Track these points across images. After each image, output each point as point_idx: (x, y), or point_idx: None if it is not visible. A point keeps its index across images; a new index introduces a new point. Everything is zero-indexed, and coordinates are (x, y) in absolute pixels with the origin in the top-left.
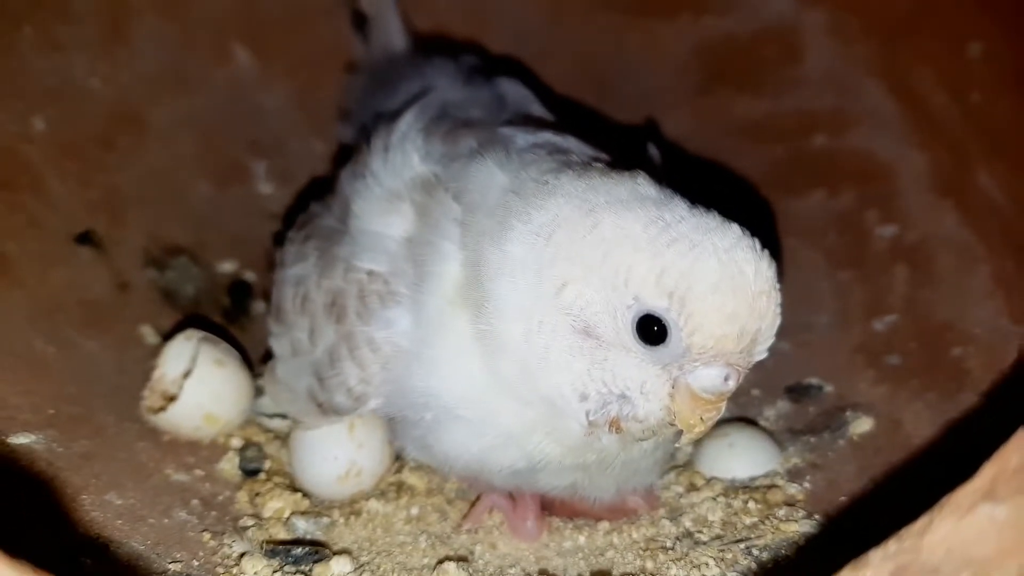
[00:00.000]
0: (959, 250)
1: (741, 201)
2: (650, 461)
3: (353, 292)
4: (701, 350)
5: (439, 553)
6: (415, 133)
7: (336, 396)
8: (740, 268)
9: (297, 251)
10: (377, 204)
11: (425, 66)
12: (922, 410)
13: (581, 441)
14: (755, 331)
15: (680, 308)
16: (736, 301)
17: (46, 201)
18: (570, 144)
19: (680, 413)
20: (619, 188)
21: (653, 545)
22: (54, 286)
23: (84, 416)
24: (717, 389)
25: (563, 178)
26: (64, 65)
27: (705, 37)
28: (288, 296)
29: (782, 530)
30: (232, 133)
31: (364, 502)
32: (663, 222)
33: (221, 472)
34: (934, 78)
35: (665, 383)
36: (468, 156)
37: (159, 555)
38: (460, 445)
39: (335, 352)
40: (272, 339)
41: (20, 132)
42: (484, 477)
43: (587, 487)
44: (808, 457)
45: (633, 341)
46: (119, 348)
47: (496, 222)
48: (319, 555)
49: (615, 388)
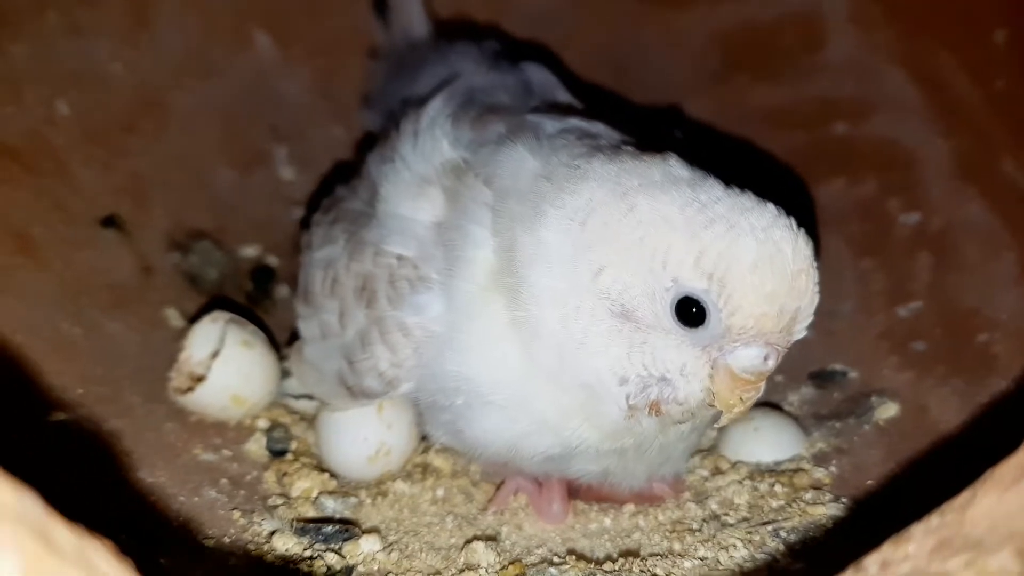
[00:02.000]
0: (984, 236)
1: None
2: (683, 446)
3: (383, 276)
4: (741, 330)
5: (466, 533)
6: (444, 119)
7: (367, 380)
8: (778, 247)
9: (325, 234)
10: (406, 188)
11: (449, 51)
12: (948, 395)
13: (620, 425)
14: (794, 309)
15: (719, 289)
16: (775, 280)
17: (71, 185)
18: (598, 129)
19: (720, 394)
20: (652, 170)
21: (680, 527)
22: (80, 269)
23: (112, 396)
24: (757, 369)
25: (595, 162)
26: (87, 50)
27: (724, 24)
28: (317, 279)
29: (809, 513)
30: (253, 119)
31: (391, 483)
32: (699, 203)
33: (248, 453)
34: (958, 65)
35: (705, 364)
36: (497, 141)
37: (192, 532)
38: (493, 431)
39: (366, 336)
40: (300, 321)
41: (45, 116)
42: (515, 463)
43: (618, 473)
44: (833, 442)
45: (672, 323)
46: (144, 330)
47: (529, 208)
48: (349, 533)
49: (655, 371)
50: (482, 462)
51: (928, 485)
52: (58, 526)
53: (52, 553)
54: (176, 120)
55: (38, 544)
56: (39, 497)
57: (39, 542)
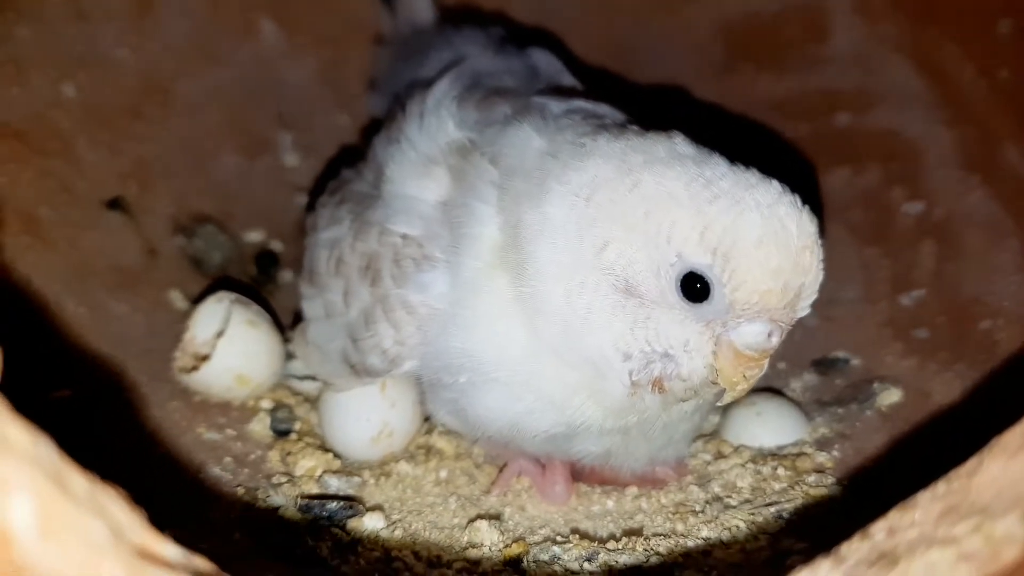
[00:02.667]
0: (987, 225)
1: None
2: (686, 427)
3: (388, 255)
4: (745, 306)
5: (469, 513)
6: (450, 100)
7: (370, 357)
8: (783, 223)
9: (330, 215)
10: (412, 168)
11: (455, 36)
12: (951, 381)
13: (624, 402)
14: (799, 286)
15: (724, 264)
16: (780, 256)
17: (77, 167)
18: (603, 110)
19: (723, 371)
20: (657, 147)
21: (683, 509)
22: (86, 250)
23: (117, 375)
24: (760, 345)
25: (600, 140)
26: (93, 34)
27: (729, 14)
28: (322, 258)
29: (812, 495)
30: (258, 105)
31: (394, 464)
32: (704, 179)
33: (252, 432)
34: (962, 55)
35: (708, 340)
36: (503, 121)
37: (197, 508)
38: (496, 409)
39: (370, 314)
40: (304, 302)
41: (51, 98)
42: (517, 442)
43: (621, 454)
44: (836, 427)
45: (677, 298)
46: (149, 312)
47: (534, 185)
48: (353, 510)
49: (658, 346)
50: (484, 442)
51: (930, 469)
52: (72, 471)
53: (66, 497)
54: (181, 105)
55: (53, 487)
56: (54, 442)
57: (54, 485)
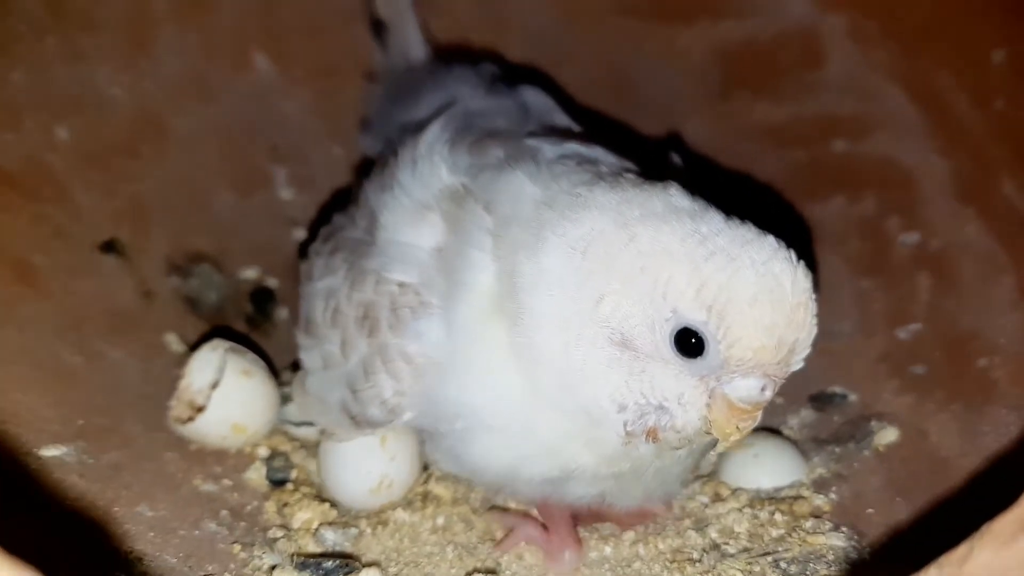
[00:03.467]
0: (982, 258)
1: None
2: (679, 470)
3: (385, 304)
4: (739, 362)
5: (467, 565)
6: (441, 144)
7: (370, 408)
8: (777, 280)
9: (325, 264)
10: (406, 215)
11: (446, 76)
12: (948, 421)
13: (618, 451)
14: (792, 342)
15: (719, 321)
16: (774, 313)
17: (71, 211)
18: (596, 153)
19: (716, 422)
20: (653, 200)
21: (680, 557)
22: (80, 296)
23: (112, 427)
24: (754, 399)
25: (596, 190)
26: (87, 75)
27: (724, 42)
28: (318, 309)
29: (809, 542)
30: (253, 140)
31: (391, 512)
32: (700, 235)
33: (248, 482)
34: (957, 84)
35: (702, 394)
36: (496, 167)
37: (191, 568)
38: (492, 455)
39: (369, 365)
40: (302, 352)
41: (44, 141)
42: (514, 487)
43: (615, 495)
44: (833, 467)
45: (671, 353)
46: (145, 357)
47: (531, 235)
48: (349, 568)
49: (653, 399)
50: (482, 486)
51: (928, 513)
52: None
53: None
54: (176, 143)
55: None
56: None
57: None
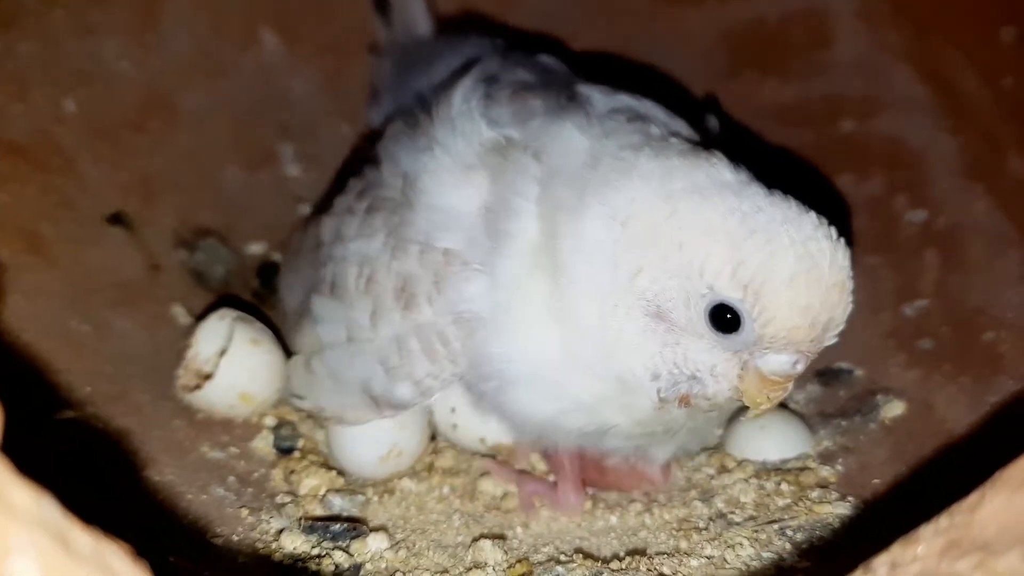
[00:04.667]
0: (990, 235)
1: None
2: (712, 423)
3: (428, 278)
4: (772, 339)
5: (473, 531)
6: (478, 100)
7: (399, 388)
8: (815, 261)
9: (360, 224)
10: (448, 176)
11: (462, 43)
12: (955, 394)
13: (650, 414)
14: (826, 321)
15: (754, 300)
16: (809, 295)
17: (78, 183)
18: (648, 109)
19: (748, 392)
20: (697, 172)
21: (686, 526)
22: (88, 267)
23: (120, 394)
24: (786, 373)
25: (641, 157)
26: (95, 49)
27: (733, 21)
28: (351, 274)
29: (816, 511)
30: (260, 117)
31: (397, 481)
32: (741, 212)
33: (255, 450)
34: (965, 63)
35: (735, 366)
36: (546, 116)
37: (200, 530)
38: (532, 408)
39: (404, 342)
40: (319, 324)
41: (53, 114)
42: (554, 437)
43: (651, 448)
44: (840, 440)
45: (706, 328)
46: (152, 328)
47: (574, 195)
48: (357, 531)
49: (686, 369)
50: (523, 435)
51: (934, 483)
52: (75, 529)
53: (70, 556)
54: (184, 118)
55: (56, 547)
56: (56, 500)
57: (57, 545)
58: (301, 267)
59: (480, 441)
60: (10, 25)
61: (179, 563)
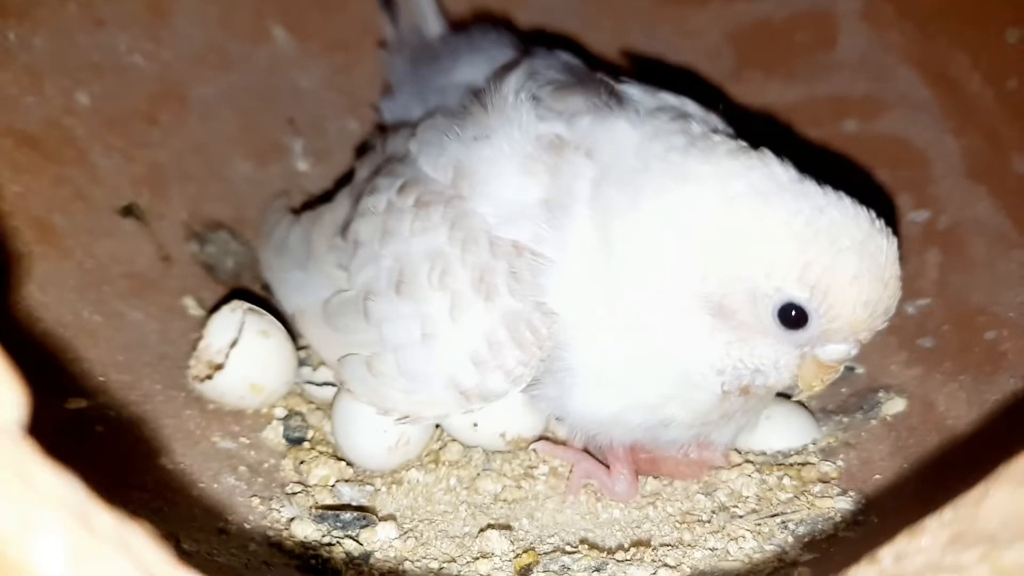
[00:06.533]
0: (993, 235)
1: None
2: (763, 404)
3: (503, 268)
4: (836, 331)
5: (480, 522)
6: (527, 94)
7: (491, 379)
8: (875, 259)
9: (413, 219)
10: (508, 166)
11: (481, 39)
12: (956, 391)
13: (712, 406)
14: (884, 310)
15: (822, 299)
16: (872, 288)
17: (91, 174)
18: (688, 107)
19: (804, 377)
20: (752, 174)
21: (689, 518)
22: (100, 258)
23: (132, 384)
24: (843, 359)
25: (690, 159)
26: (107, 42)
27: (738, 22)
28: (422, 270)
29: (817, 506)
30: (270, 111)
31: (405, 472)
32: (803, 215)
33: (266, 440)
34: (970, 64)
35: (796, 357)
36: (596, 113)
37: (213, 518)
38: (593, 407)
39: (491, 333)
40: (386, 323)
41: (65, 106)
42: (610, 434)
43: (709, 435)
44: (841, 436)
45: (773, 325)
46: (163, 319)
47: (627, 199)
48: (366, 520)
49: (751, 364)
50: (578, 431)
51: (935, 480)
52: (99, 510)
53: (94, 536)
54: (194, 112)
55: (81, 527)
56: (80, 482)
57: (82, 526)
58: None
59: (500, 436)
60: (23, 18)
61: (192, 549)
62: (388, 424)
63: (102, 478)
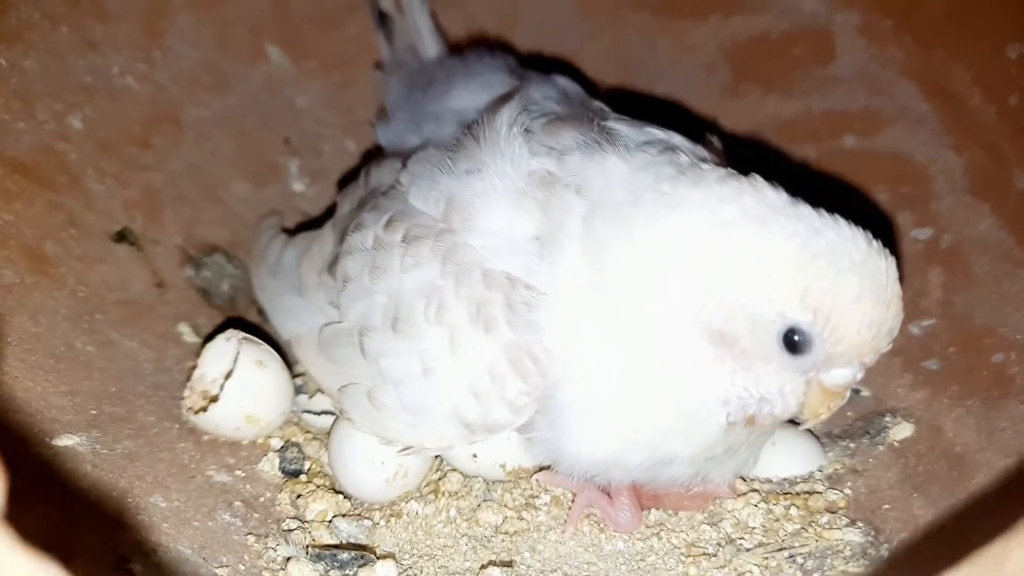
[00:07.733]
0: (997, 253)
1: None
2: (765, 438)
3: (498, 300)
4: (841, 356)
5: (481, 557)
6: (519, 128)
7: (495, 411)
8: (876, 279)
9: (403, 255)
10: (500, 200)
11: (477, 63)
12: (964, 417)
13: (716, 439)
14: (888, 331)
15: (825, 322)
16: (875, 309)
17: (84, 200)
18: (675, 140)
19: (810, 405)
20: (745, 199)
21: (695, 551)
22: (93, 285)
23: (126, 416)
24: (848, 384)
25: (680, 187)
26: (100, 65)
27: (736, 37)
28: (418, 307)
29: (825, 537)
30: (266, 132)
31: (404, 504)
32: (800, 237)
33: (262, 473)
34: (971, 79)
35: (802, 384)
36: (585, 149)
37: (205, 559)
38: (590, 447)
39: (493, 365)
40: (385, 358)
41: (58, 131)
42: (608, 475)
43: (710, 473)
44: (848, 463)
45: (777, 351)
46: (158, 347)
47: (618, 233)
48: (364, 559)
49: (756, 392)
50: (573, 474)
51: (946, 508)
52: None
53: None
54: (189, 134)
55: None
56: (61, 568)
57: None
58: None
59: (500, 467)
60: (15, 41)
61: None
62: (387, 455)
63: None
